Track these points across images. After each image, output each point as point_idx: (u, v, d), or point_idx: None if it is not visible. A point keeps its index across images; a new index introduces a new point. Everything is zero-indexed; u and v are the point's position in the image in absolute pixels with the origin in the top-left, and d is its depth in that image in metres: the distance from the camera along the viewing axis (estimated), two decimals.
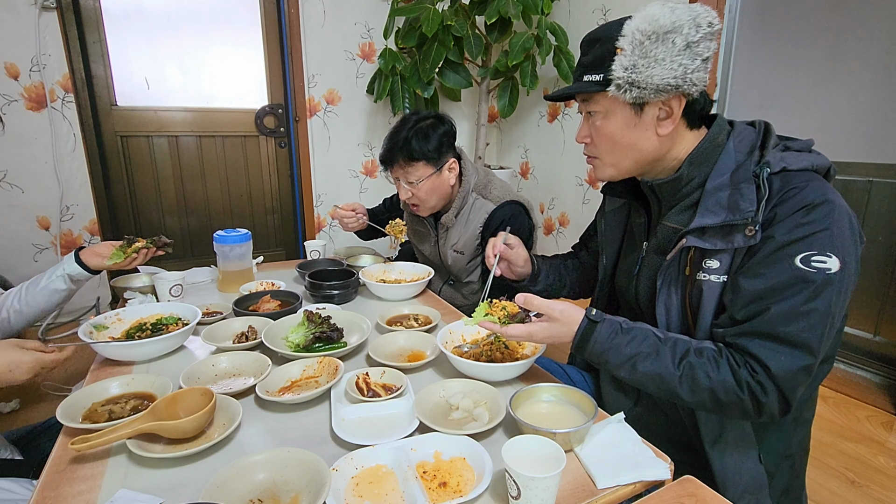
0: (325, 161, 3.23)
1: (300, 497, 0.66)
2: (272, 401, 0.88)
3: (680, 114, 0.83)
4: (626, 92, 0.80)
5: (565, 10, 2.96)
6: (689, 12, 0.77)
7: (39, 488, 0.69)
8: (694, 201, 0.86)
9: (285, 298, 1.39)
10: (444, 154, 1.47)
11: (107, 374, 0.99)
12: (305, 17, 2.94)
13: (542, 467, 0.63)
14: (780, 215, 0.75)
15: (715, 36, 0.79)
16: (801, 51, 2.08)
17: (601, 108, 0.87)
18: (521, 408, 0.83)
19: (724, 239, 0.79)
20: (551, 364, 1.18)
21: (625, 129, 0.86)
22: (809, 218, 0.73)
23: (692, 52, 0.77)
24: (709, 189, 0.82)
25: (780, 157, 0.80)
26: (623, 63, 0.79)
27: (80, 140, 2.61)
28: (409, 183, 1.48)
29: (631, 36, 0.78)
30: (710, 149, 0.86)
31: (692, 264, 0.85)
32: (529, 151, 3.42)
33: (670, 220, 0.91)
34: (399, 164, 1.47)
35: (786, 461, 0.88)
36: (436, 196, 1.51)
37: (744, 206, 0.77)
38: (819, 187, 0.75)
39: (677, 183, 0.88)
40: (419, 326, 1.24)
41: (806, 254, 0.72)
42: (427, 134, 1.44)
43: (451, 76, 2.88)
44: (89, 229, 2.74)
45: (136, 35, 2.70)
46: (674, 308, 0.88)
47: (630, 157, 0.89)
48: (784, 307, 0.73)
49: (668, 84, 0.78)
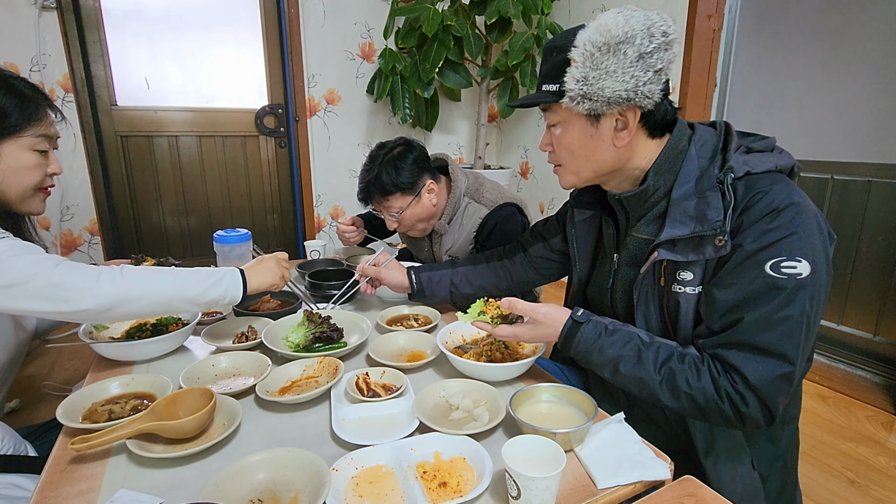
0: (325, 161, 3.23)
1: (300, 497, 0.66)
2: (272, 401, 0.88)
3: (636, 125, 0.82)
4: (579, 104, 0.80)
5: (565, 10, 2.96)
6: (644, 21, 0.76)
7: (39, 488, 0.69)
8: (662, 211, 0.86)
9: (285, 298, 1.39)
10: (418, 180, 1.46)
11: (107, 375, 0.99)
12: (305, 17, 2.94)
13: (542, 467, 0.63)
14: (747, 222, 0.75)
15: (670, 46, 0.77)
16: (801, 51, 2.08)
17: (559, 118, 0.87)
18: (521, 408, 0.83)
19: (695, 250, 0.79)
20: (551, 365, 1.18)
21: (582, 139, 0.85)
22: (776, 223, 0.73)
23: (644, 63, 0.76)
24: (675, 198, 0.82)
25: (743, 160, 0.79)
26: (575, 75, 0.78)
27: (80, 140, 2.61)
28: (391, 215, 1.49)
29: (582, 47, 0.77)
30: (672, 156, 0.85)
31: (666, 275, 0.85)
32: (529, 151, 3.43)
33: (640, 231, 0.90)
34: (376, 199, 1.48)
35: (777, 462, 0.88)
36: (420, 220, 1.51)
37: (711, 215, 0.77)
38: (783, 190, 0.75)
39: (644, 194, 0.87)
40: (419, 326, 1.24)
41: (775, 260, 0.72)
42: (397, 165, 1.43)
43: (451, 76, 2.88)
44: (89, 229, 2.74)
45: (136, 35, 2.70)
46: (653, 319, 0.88)
47: (589, 167, 0.88)
48: (757, 316, 0.73)
49: (619, 97, 0.77)
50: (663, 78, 0.79)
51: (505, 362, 0.99)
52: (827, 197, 2.05)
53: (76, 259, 2.68)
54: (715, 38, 2.25)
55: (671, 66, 0.79)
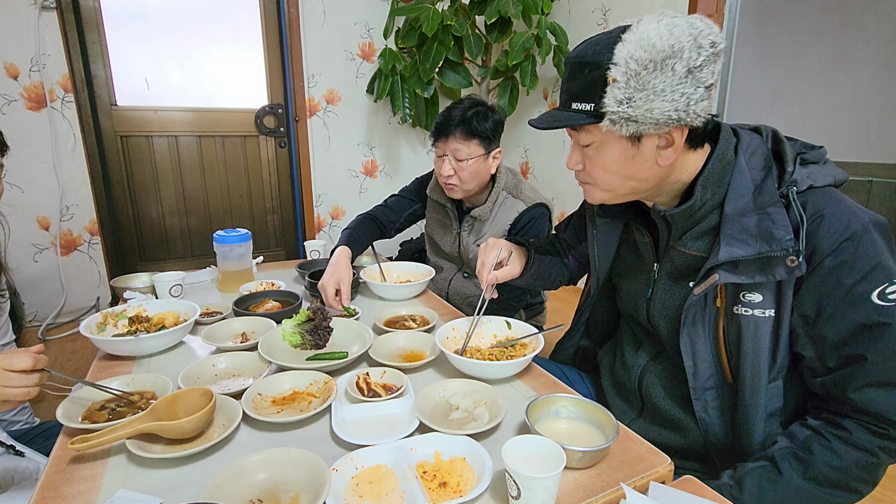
0: (325, 161, 3.23)
1: (300, 497, 0.66)
2: (262, 420, 0.82)
3: (682, 143, 0.76)
4: (622, 127, 0.73)
5: (565, 9, 2.96)
6: (690, 30, 0.68)
7: (39, 488, 0.69)
8: (711, 226, 0.81)
9: (285, 298, 1.39)
10: (494, 139, 1.50)
11: (107, 374, 0.99)
12: (305, 16, 2.94)
13: (542, 467, 0.63)
14: (823, 246, 0.72)
15: (719, 57, 0.71)
16: (801, 51, 2.08)
17: (594, 139, 0.79)
18: (539, 423, 0.80)
19: (762, 271, 0.74)
20: (550, 364, 1.18)
21: (622, 161, 0.79)
22: (862, 250, 0.71)
23: (695, 78, 0.69)
24: (729, 213, 0.76)
25: (806, 173, 0.75)
26: (617, 96, 0.71)
27: (79, 140, 2.61)
28: (457, 160, 1.47)
29: (625, 65, 0.70)
30: (720, 168, 0.79)
31: (725, 296, 0.80)
32: (529, 151, 3.42)
33: (687, 245, 0.85)
34: (455, 136, 1.46)
35: None
36: (476, 180, 1.51)
37: (779, 234, 0.72)
38: (849, 209, 0.73)
39: (690, 210, 0.81)
40: (417, 327, 1.23)
41: (881, 289, 0.70)
42: (486, 115, 1.47)
43: (451, 76, 2.88)
44: (89, 229, 2.74)
45: (136, 35, 2.70)
46: (701, 341, 0.84)
47: (627, 186, 0.82)
48: (882, 349, 0.71)
49: (669, 118, 0.70)
50: (712, 93, 0.73)
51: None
52: None
53: (76, 259, 2.68)
54: None
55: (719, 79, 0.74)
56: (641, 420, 0.99)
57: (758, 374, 0.80)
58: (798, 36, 2.09)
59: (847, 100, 1.97)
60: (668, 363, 0.95)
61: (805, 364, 0.79)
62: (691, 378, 0.87)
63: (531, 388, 0.97)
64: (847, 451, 0.73)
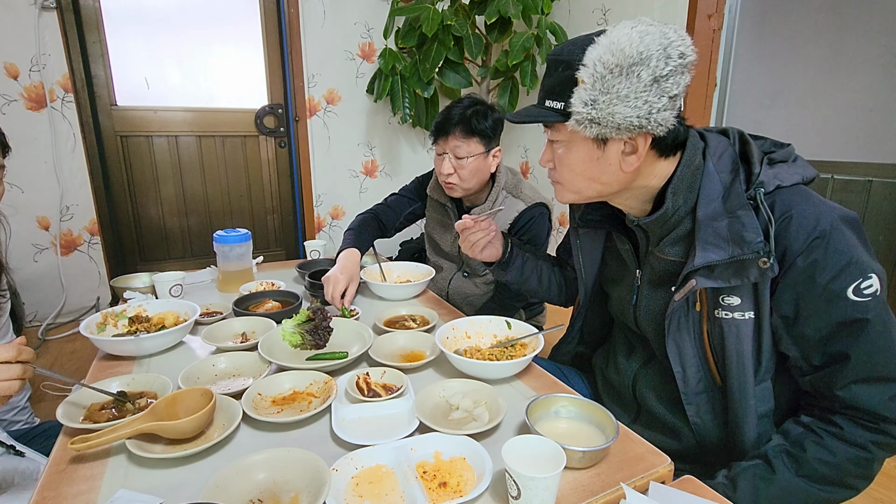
0: (325, 161, 3.23)
1: (300, 497, 0.66)
2: (262, 420, 0.83)
3: (646, 151, 0.77)
4: (586, 128, 0.74)
5: (565, 9, 2.96)
6: (661, 39, 0.69)
7: (39, 488, 0.69)
8: (686, 231, 0.82)
9: (285, 299, 1.39)
10: (494, 137, 1.50)
11: (107, 374, 0.99)
12: (305, 17, 2.94)
13: (542, 467, 0.63)
14: (794, 246, 0.72)
15: (687, 69, 0.72)
16: (801, 51, 2.08)
17: (563, 137, 0.81)
18: (539, 423, 0.81)
19: (736, 275, 0.75)
20: (550, 364, 1.18)
21: (587, 162, 0.80)
22: (833, 248, 0.71)
23: (660, 87, 0.70)
24: (702, 218, 0.77)
25: (773, 173, 0.76)
26: (583, 97, 0.72)
27: (79, 140, 2.61)
28: (457, 158, 1.48)
29: (592, 67, 0.71)
30: (689, 174, 0.80)
31: (705, 301, 0.81)
32: (529, 151, 3.42)
33: (665, 251, 0.86)
34: (455, 135, 1.46)
35: None
36: (476, 178, 1.51)
37: (749, 236, 0.73)
38: (817, 207, 0.73)
39: (664, 217, 0.83)
40: (417, 327, 1.23)
41: (854, 285, 0.70)
42: (485, 114, 1.47)
43: (451, 76, 2.88)
44: (89, 229, 2.74)
45: (136, 35, 2.70)
46: (688, 346, 0.85)
47: (593, 188, 0.84)
48: (864, 345, 0.71)
49: (630, 123, 0.72)
50: (677, 104, 0.73)
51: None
52: (827, 196, 2.04)
53: (76, 259, 2.68)
54: (715, 37, 2.24)
55: (686, 91, 0.74)
56: (637, 424, 0.99)
57: (744, 377, 0.81)
58: (798, 36, 2.09)
59: (847, 100, 1.97)
60: (659, 368, 0.95)
61: (792, 363, 0.80)
62: (681, 383, 0.87)
63: (531, 388, 0.97)
64: (840, 447, 0.74)
